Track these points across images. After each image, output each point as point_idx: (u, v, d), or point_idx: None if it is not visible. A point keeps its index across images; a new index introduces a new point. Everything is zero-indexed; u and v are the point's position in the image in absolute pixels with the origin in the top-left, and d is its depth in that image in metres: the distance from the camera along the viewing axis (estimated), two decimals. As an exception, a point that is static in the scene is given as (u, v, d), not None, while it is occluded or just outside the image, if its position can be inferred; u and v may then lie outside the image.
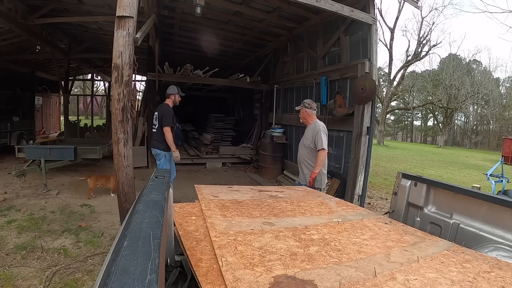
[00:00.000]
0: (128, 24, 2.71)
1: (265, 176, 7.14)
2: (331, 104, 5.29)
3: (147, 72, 7.59)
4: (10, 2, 5.76)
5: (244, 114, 11.00)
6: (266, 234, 1.43)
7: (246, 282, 0.98)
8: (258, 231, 1.46)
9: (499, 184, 5.87)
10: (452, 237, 2.29)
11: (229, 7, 5.65)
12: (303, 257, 1.22)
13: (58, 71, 10.39)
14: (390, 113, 30.77)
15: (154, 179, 1.36)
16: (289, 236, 1.44)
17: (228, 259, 1.14)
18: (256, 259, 1.16)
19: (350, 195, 4.57)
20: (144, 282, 0.54)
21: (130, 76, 2.78)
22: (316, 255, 1.25)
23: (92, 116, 15.13)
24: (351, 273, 1.12)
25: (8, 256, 2.95)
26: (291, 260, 1.18)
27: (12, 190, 5.09)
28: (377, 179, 8.42)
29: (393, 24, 21.35)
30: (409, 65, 22.86)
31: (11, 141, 8.61)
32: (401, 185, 2.77)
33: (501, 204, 2.03)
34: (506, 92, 31.17)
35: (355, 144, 4.59)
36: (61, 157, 5.68)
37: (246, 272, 1.05)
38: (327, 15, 5.36)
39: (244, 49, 8.73)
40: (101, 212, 4.36)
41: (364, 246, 1.41)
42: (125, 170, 2.83)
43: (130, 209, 1.27)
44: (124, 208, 2.79)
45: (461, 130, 35.68)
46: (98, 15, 6.64)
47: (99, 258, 3.04)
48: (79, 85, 26.38)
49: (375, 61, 4.50)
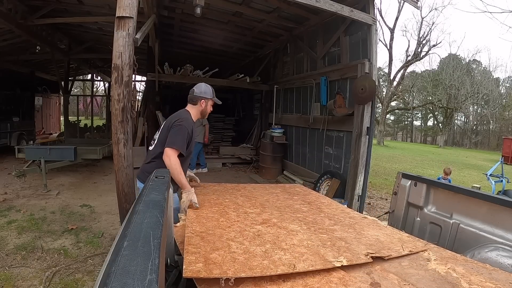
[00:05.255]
0: (128, 24, 2.71)
1: (265, 177, 7.13)
2: (331, 104, 5.29)
3: (147, 72, 7.59)
4: (10, 2, 5.76)
5: (244, 114, 11.01)
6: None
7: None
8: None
9: (499, 184, 5.88)
10: (452, 237, 2.29)
11: (229, 8, 5.65)
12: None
13: (58, 71, 10.39)
14: (390, 113, 30.80)
15: (154, 179, 1.36)
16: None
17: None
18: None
19: (350, 195, 4.57)
20: (144, 282, 0.54)
21: (130, 76, 2.78)
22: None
23: (92, 116, 15.10)
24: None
25: (8, 257, 2.95)
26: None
27: (12, 191, 5.09)
28: (377, 179, 8.42)
29: (393, 24, 21.37)
30: (409, 65, 22.86)
31: (11, 141, 8.60)
32: (401, 185, 2.77)
33: (501, 204, 2.04)
34: (506, 92, 31.18)
35: (355, 144, 4.59)
36: (61, 157, 5.67)
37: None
38: (327, 16, 5.36)
39: (244, 50, 8.73)
40: (101, 212, 4.35)
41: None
42: (125, 171, 2.82)
43: (130, 209, 1.28)
44: (124, 208, 2.79)
45: (461, 130, 35.68)
46: (98, 15, 6.64)
47: (99, 258, 3.04)
48: (79, 86, 26.39)
49: (375, 61, 4.50)
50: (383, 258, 1.43)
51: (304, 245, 1.47)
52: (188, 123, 2.23)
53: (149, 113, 7.57)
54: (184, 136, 2.17)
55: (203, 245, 1.37)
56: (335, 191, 4.85)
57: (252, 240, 1.48)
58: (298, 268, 1.22)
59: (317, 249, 1.44)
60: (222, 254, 1.29)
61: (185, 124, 2.20)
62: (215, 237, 1.48)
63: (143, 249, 0.66)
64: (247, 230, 1.61)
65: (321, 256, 1.36)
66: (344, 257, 1.36)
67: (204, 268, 1.15)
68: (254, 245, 1.42)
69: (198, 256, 1.25)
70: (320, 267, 1.27)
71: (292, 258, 1.31)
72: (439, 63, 29.74)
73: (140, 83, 13.90)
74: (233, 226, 1.65)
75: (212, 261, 1.21)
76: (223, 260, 1.23)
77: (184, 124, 2.19)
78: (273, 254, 1.33)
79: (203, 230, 1.55)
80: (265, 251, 1.35)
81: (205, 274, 1.11)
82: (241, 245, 1.41)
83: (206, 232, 1.53)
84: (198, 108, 2.37)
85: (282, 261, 1.27)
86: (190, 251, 1.28)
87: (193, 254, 1.26)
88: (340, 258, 1.35)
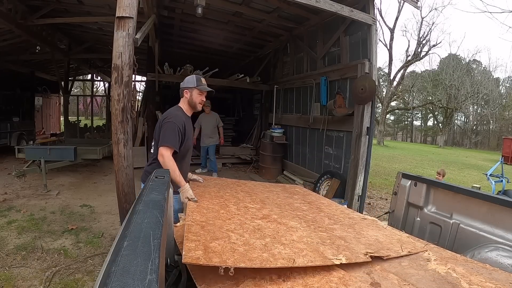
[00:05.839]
0: (128, 24, 2.71)
1: (265, 177, 7.13)
2: (331, 104, 5.29)
3: (147, 72, 7.59)
4: (10, 2, 5.76)
5: (244, 114, 11.00)
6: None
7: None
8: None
9: (499, 184, 5.87)
10: (452, 237, 2.29)
11: (229, 8, 5.65)
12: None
13: (58, 71, 10.39)
14: (390, 113, 30.79)
15: (154, 179, 1.36)
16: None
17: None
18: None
19: (350, 195, 4.57)
20: (144, 282, 0.54)
21: (130, 76, 2.78)
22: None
23: (92, 116, 15.12)
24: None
25: (8, 257, 2.95)
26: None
27: (12, 191, 5.09)
28: (377, 179, 8.42)
29: (393, 24, 21.39)
30: (409, 65, 22.86)
31: (11, 141, 8.60)
32: (401, 185, 2.77)
33: (501, 204, 2.04)
34: (506, 92, 31.18)
35: (355, 144, 4.59)
36: (61, 157, 5.67)
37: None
38: (327, 16, 5.37)
39: (244, 49, 8.73)
40: (101, 212, 4.35)
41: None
42: (125, 171, 2.82)
43: (130, 209, 1.28)
44: (124, 209, 2.79)
45: (461, 130, 35.68)
46: (98, 15, 6.63)
47: (99, 258, 3.04)
48: (79, 86, 26.37)
49: (375, 61, 4.50)
50: (382, 258, 1.43)
51: (304, 242, 1.47)
52: (177, 118, 2.16)
53: (149, 113, 7.56)
54: (175, 132, 2.10)
55: (203, 234, 1.36)
56: (335, 191, 4.85)
57: (252, 233, 1.48)
58: (297, 263, 1.22)
59: (317, 246, 1.44)
60: (221, 244, 1.29)
61: (174, 120, 2.14)
62: (215, 227, 1.48)
63: (143, 249, 0.66)
64: (247, 224, 1.61)
65: (320, 253, 1.36)
66: (343, 255, 1.36)
67: (204, 256, 1.15)
68: (254, 238, 1.42)
69: (198, 244, 1.25)
70: (320, 263, 1.26)
71: (292, 253, 1.31)
72: (439, 63, 29.78)
73: (140, 83, 13.90)
74: (233, 219, 1.65)
75: (212, 250, 1.21)
76: (223, 250, 1.23)
77: (173, 120, 2.13)
78: (273, 248, 1.33)
79: (204, 220, 1.56)
80: (264, 244, 1.35)
81: (205, 262, 1.11)
82: (241, 237, 1.41)
83: (206, 222, 1.53)
84: (184, 100, 2.30)
85: (281, 255, 1.27)
86: (190, 238, 1.28)
87: (193, 241, 1.26)
88: (339, 256, 1.35)
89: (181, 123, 2.16)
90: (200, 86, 2.26)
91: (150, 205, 0.98)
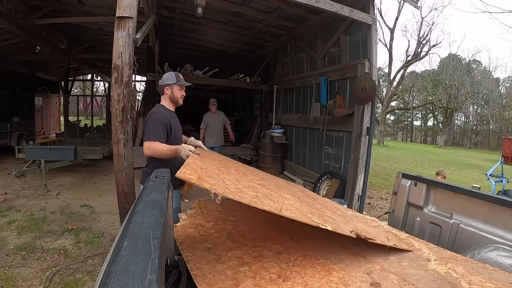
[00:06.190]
0: (128, 24, 2.71)
1: (265, 176, 7.14)
2: (331, 104, 5.29)
3: (147, 72, 7.59)
4: (10, 2, 5.76)
5: (244, 114, 11.00)
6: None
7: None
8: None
9: (499, 184, 5.87)
10: (452, 237, 2.29)
11: (229, 8, 5.65)
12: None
13: (58, 71, 10.39)
14: (390, 113, 30.79)
15: (154, 179, 1.36)
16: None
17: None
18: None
19: (350, 196, 4.57)
20: (144, 282, 0.54)
21: (130, 76, 2.78)
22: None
23: (92, 116, 15.13)
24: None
25: (9, 257, 2.95)
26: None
27: (12, 191, 5.09)
28: (377, 179, 8.42)
29: (393, 24, 21.38)
30: (409, 65, 22.86)
31: (11, 141, 8.60)
32: (401, 185, 2.77)
33: (501, 204, 2.04)
34: (506, 92, 31.17)
35: (355, 144, 4.59)
36: (61, 157, 5.67)
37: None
38: (327, 16, 5.37)
39: (244, 50, 8.73)
40: (101, 212, 4.36)
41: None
42: (125, 171, 2.83)
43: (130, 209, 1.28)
44: (124, 208, 2.79)
45: (461, 130, 35.67)
46: (98, 15, 6.64)
47: (99, 258, 3.04)
48: (79, 86, 26.39)
49: (375, 61, 4.50)
50: (367, 240, 1.45)
51: (294, 207, 1.51)
52: (159, 114, 2.22)
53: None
54: (158, 126, 2.15)
55: (200, 171, 1.43)
56: (335, 191, 4.85)
57: (246, 187, 1.53)
58: (283, 213, 1.25)
59: (305, 212, 1.48)
60: (215, 182, 1.34)
61: (156, 115, 2.20)
62: (213, 173, 1.55)
63: (143, 249, 0.66)
64: (243, 182, 1.66)
65: (307, 217, 1.39)
66: (329, 224, 1.39)
67: (197, 181, 1.22)
68: (247, 189, 1.47)
69: (194, 173, 1.31)
70: (305, 220, 1.31)
71: (280, 207, 1.35)
72: (439, 63, 29.78)
73: (140, 83, 13.92)
74: (231, 175, 1.70)
75: (205, 181, 1.27)
76: (216, 184, 1.28)
77: (154, 116, 2.20)
78: (263, 200, 1.37)
79: (203, 167, 1.60)
80: (255, 196, 1.39)
81: (196, 182, 1.18)
82: (235, 184, 1.46)
83: (206, 169, 1.58)
84: (166, 97, 2.39)
85: (270, 205, 1.30)
86: (187, 169, 1.35)
87: (189, 170, 1.34)
88: (326, 224, 1.38)
89: (163, 117, 2.22)
90: (179, 81, 2.36)
91: (150, 205, 0.97)
